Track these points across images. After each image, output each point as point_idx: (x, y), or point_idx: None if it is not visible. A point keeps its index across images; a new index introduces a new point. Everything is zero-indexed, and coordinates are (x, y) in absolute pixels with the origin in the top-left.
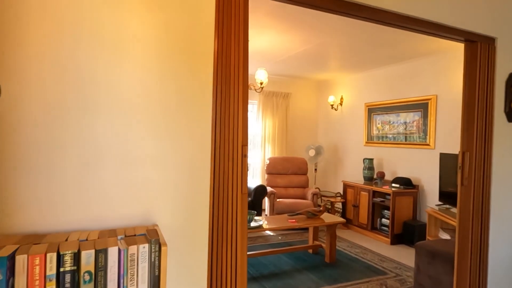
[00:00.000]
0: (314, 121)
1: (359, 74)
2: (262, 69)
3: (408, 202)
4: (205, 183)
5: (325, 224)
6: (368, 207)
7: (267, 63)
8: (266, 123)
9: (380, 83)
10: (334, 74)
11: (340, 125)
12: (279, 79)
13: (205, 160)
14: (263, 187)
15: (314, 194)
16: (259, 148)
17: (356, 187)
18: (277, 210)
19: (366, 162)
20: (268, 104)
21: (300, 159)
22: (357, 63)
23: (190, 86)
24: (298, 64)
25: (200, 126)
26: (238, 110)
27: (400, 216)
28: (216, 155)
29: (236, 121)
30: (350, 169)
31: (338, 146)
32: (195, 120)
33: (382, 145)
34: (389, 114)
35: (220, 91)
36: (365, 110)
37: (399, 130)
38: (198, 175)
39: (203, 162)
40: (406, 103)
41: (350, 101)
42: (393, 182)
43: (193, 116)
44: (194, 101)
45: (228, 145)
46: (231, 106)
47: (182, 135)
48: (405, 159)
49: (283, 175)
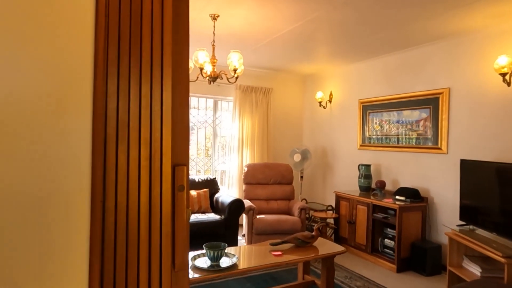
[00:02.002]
0: (300, 120)
1: (352, 65)
2: (236, 52)
3: (416, 218)
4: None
5: (320, 256)
6: (367, 224)
7: (243, 50)
8: (244, 124)
9: (377, 76)
10: (323, 66)
11: (330, 126)
12: (258, 72)
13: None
14: (239, 202)
15: (302, 209)
16: (236, 153)
17: (351, 200)
18: (257, 230)
19: (362, 169)
20: (246, 101)
21: (284, 166)
22: (351, 50)
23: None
24: (281, 52)
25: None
26: (163, 108)
27: (407, 236)
28: (109, 190)
29: (157, 124)
30: (341, 177)
31: (327, 150)
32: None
33: (380, 149)
34: (389, 112)
35: (116, 78)
36: (359, 107)
37: (402, 131)
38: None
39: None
40: (410, 98)
41: (341, 97)
42: (397, 193)
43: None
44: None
45: (140, 168)
46: (143, 101)
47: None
48: (410, 165)
49: (264, 185)
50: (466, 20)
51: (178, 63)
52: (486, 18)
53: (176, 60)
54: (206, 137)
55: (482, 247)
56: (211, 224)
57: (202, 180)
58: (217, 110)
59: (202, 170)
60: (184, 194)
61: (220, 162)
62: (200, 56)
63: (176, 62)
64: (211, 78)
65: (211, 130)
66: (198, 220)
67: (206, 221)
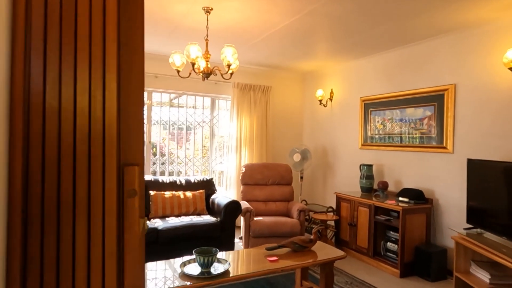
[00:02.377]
0: (299, 119)
1: (353, 61)
2: (230, 47)
3: (420, 221)
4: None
5: (319, 262)
6: (369, 227)
7: (240, 47)
8: (243, 123)
9: (379, 72)
10: (323, 63)
11: (330, 124)
12: (256, 69)
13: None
14: (236, 204)
15: (301, 211)
16: (234, 153)
17: (352, 201)
18: (254, 232)
19: (364, 169)
20: (244, 100)
21: (283, 166)
22: (351, 46)
23: None
24: (279, 49)
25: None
26: (106, 94)
27: (411, 240)
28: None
29: (98, 113)
30: (343, 178)
31: (328, 150)
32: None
33: (382, 148)
34: (391, 110)
35: (43, 55)
36: (360, 105)
37: (405, 130)
38: None
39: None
40: (414, 95)
41: (342, 95)
42: (400, 195)
43: None
44: None
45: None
46: (79, 85)
47: None
48: (413, 165)
49: (262, 186)
50: (473, 12)
51: (129, 40)
52: (494, 10)
53: (127, 36)
54: (204, 137)
55: (491, 252)
56: (206, 227)
57: (198, 181)
58: (214, 109)
59: (200, 171)
60: (136, 200)
61: (218, 163)
62: (192, 50)
63: (127, 39)
64: (205, 74)
65: (208, 130)
66: (192, 223)
67: (201, 224)
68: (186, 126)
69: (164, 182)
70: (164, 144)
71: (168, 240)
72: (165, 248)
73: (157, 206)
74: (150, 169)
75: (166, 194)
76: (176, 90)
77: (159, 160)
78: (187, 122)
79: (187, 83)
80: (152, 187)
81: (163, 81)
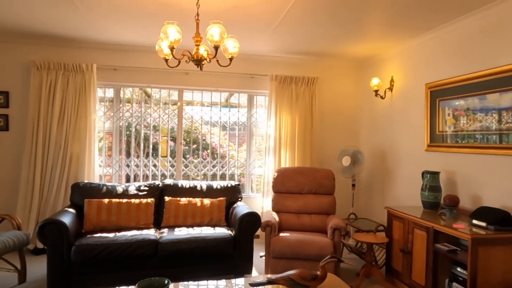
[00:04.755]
0: (354, 115)
1: (416, 39)
2: (216, 25)
3: (504, 256)
4: None
5: None
6: (426, 258)
7: (260, 35)
8: (282, 121)
9: (451, 48)
10: (378, 45)
11: (389, 120)
12: (298, 59)
13: None
14: (253, 216)
15: (336, 229)
16: (272, 155)
17: (406, 220)
18: (274, 252)
19: (427, 179)
20: (284, 94)
21: (322, 172)
22: (412, 17)
23: None
24: (314, 31)
25: None
26: None
27: (488, 283)
28: None
29: None
30: (404, 188)
31: (386, 152)
32: None
33: (454, 150)
34: (467, 98)
35: None
36: (426, 94)
37: (487, 125)
38: None
39: None
40: (498, 75)
41: (403, 83)
42: (475, 216)
43: None
44: None
45: None
46: None
47: None
48: (498, 175)
49: (296, 195)
50: None
51: None
52: None
53: None
54: (239, 137)
55: None
56: (214, 242)
57: (221, 186)
58: (252, 106)
59: (236, 175)
60: None
61: (256, 166)
62: (170, 32)
63: None
64: (195, 61)
65: (246, 129)
66: (197, 236)
67: (208, 238)
68: (229, 127)
69: (183, 187)
70: (217, 145)
71: (167, 254)
72: (165, 263)
73: (169, 214)
74: (182, 172)
75: (182, 201)
76: (209, 87)
77: (210, 162)
78: (230, 122)
79: (219, 79)
80: (169, 192)
81: (193, 78)
